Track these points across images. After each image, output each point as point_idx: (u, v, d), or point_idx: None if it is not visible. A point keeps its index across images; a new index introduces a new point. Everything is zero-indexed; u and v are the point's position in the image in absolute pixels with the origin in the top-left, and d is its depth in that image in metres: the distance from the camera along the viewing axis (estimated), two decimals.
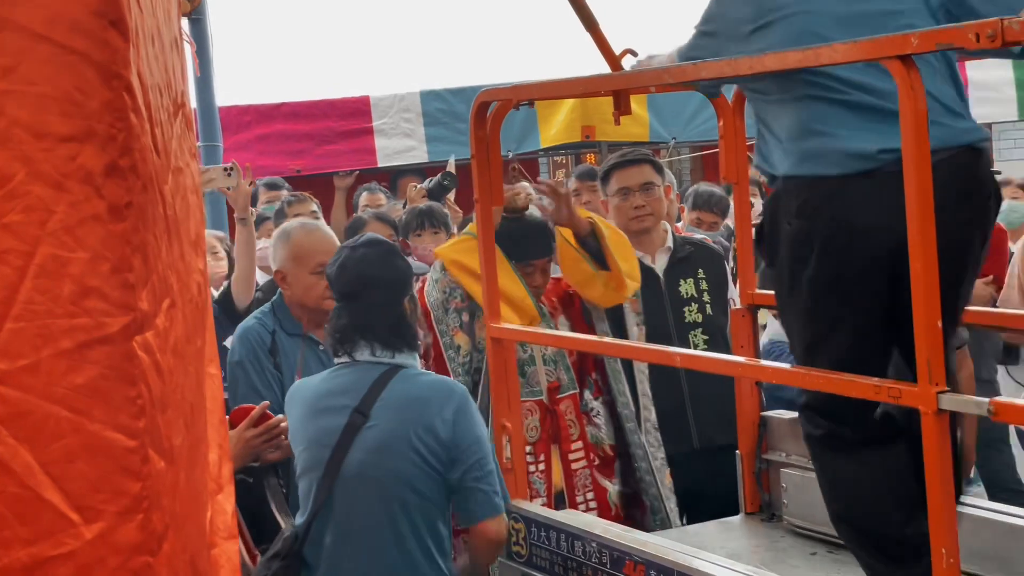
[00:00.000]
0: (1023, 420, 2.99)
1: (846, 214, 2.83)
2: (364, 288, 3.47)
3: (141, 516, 1.72)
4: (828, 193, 2.86)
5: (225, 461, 2.38)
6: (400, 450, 3.37)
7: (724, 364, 2.98)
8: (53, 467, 1.68)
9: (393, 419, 3.39)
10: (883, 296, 2.83)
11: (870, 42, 2.49)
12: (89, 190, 1.68)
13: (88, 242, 1.68)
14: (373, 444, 3.38)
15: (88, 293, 1.68)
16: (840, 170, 2.84)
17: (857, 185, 2.82)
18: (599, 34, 3.30)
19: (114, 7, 1.70)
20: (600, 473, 4.28)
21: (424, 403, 3.40)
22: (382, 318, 3.47)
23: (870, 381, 2.58)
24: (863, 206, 2.81)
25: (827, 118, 2.89)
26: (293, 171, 8.60)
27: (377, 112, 8.79)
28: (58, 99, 1.67)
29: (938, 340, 2.39)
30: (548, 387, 4.22)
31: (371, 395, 3.41)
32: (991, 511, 3.36)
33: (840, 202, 2.84)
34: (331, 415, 3.44)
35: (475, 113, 3.71)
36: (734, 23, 3.01)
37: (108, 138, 1.69)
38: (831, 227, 2.86)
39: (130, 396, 1.72)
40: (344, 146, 8.79)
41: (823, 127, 2.90)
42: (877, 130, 2.80)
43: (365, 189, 7.85)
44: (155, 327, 1.78)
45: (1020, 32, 2.17)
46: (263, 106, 8.68)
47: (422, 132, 8.82)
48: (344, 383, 3.48)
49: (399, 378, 3.44)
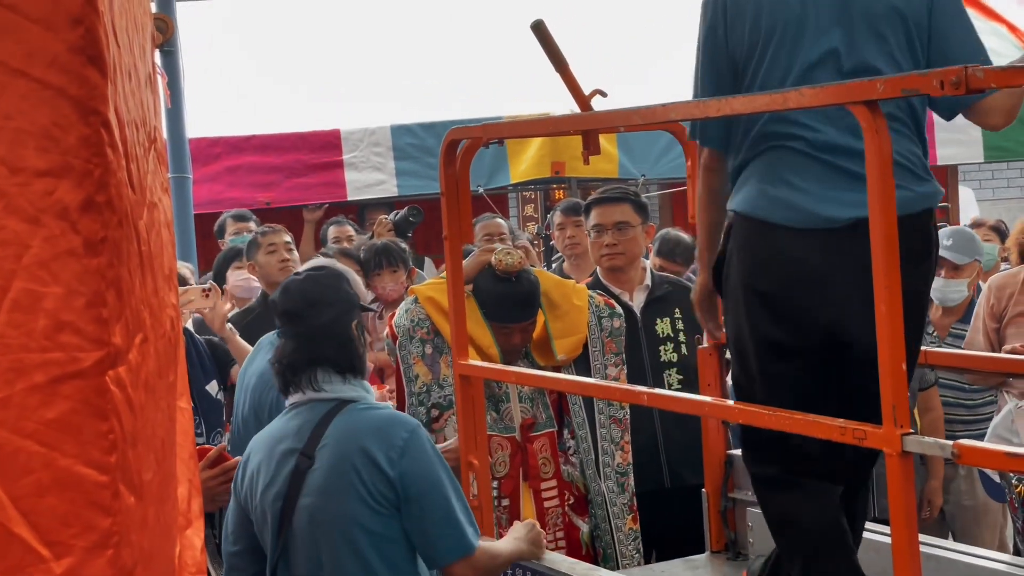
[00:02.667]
0: (985, 463, 3.02)
1: (801, 262, 2.96)
2: (308, 308, 3.33)
3: (111, 552, 1.72)
4: (787, 241, 2.97)
5: (195, 496, 2.38)
6: (344, 490, 3.21)
7: (690, 403, 3.00)
8: (23, 502, 1.68)
9: (335, 458, 3.24)
10: (823, 349, 2.97)
11: (836, 87, 2.53)
12: (65, 225, 1.68)
13: (63, 277, 1.69)
14: (318, 487, 3.24)
15: (62, 328, 1.69)
16: (806, 224, 2.96)
17: (816, 238, 2.95)
18: (569, 74, 3.33)
19: (93, 43, 1.71)
20: (574, 512, 4.27)
21: (367, 439, 3.24)
22: (328, 340, 3.32)
23: (835, 422, 2.60)
24: (819, 258, 2.94)
25: (800, 171, 3.00)
26: (262, 203, 8.60)
27: (347, 145, 8.80)
28: (35, 134, 1.68)
29: (902, 383, 2.42)
30: (522, 424, 4.22)
31: (315, 435, 3.27)
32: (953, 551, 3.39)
33: (797, 251, 2.96)
34: (282, 461, 3.32)
35: (444, 151, 3.73)
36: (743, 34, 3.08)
37: (85, 173, 1.70)
38: (784, 271, 2.98)
39: (102, 431, 1.72)
40: (314, 179, 8.79)
41: (794, 179, 3.00)
42: (850, 200, 2.89)
43: (334, 222, 7.86)
44: (128, 362, 1.78)
45: (984, 80, 2.21)
46: (233, 138, 8.68)
47: (392, 166, 8.83)
48: (294, 425, 3.35)
49: (344, 414, 3.29)
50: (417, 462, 3.22)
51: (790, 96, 2.58)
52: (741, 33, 3.06)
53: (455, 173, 3.73)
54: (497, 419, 4.13)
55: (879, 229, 2.41)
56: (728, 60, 3.10)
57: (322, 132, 8.81)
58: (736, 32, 3.07)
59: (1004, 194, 15.66)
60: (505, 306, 4.21)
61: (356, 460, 3.22)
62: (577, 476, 4.29)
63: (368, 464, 3.21)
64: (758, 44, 3.04)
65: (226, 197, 8.54)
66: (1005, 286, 5.08)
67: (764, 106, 2.66)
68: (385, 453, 3.21)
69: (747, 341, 3.06)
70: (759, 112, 2.88)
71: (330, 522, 3.23)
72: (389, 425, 3.28)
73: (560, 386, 3.75)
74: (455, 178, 3.74)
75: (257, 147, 8.71)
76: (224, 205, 8.29)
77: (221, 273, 6.58)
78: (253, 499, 3.37)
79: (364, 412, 3.32)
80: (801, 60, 3.00)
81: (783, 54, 3.01)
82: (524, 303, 4.22)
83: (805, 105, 2.58)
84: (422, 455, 3.24)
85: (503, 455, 4.16)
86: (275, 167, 8.73)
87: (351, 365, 3.35)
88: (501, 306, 4.21)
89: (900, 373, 2.41)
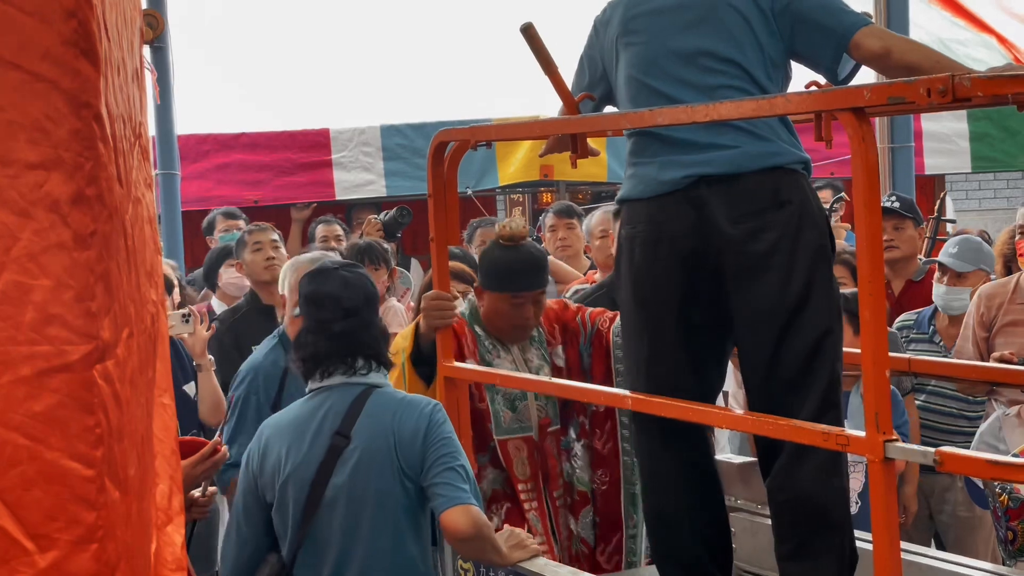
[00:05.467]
0: (967, 470, 3.03)
1: (660, 223, 3.23)
2: (357, 306, 3.50)
3: (96, 546, 1.73)
4: (646, 209, 3.27)
5: (176, 492, 2.37)
6: (382, 466, 3.41)
7: (674, 408, 3.01)
8: (8, 494, 1.68)
9: (374, 438, 3.42)
10: (683, 289, 3.21)
11: (823, 94, 2.55)
12: (55, 218, 1.69)
13: (52, 269, 1.69)
14: (356, 465, 3.41)
15: (50, 321, 1.69)
16: (653, 193, 3.25)
17: (665, 203, 3.23)
18: (558, 77, 3.33)
19: (86, 37, 1.71)
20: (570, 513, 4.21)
21: (400, 419, 3.43)
22: (368, 332, 3.52)
23: (818, 428, 2.62)
24: (671, 218, 3.21)
25: (646, 149, 3.30)
26: (251, 201, 8.60)
27: (336, 145, 8.80)
28: (26, 126, 1.68)
29: (886, 390, 2.43)
30: (539, 423, 4.13)
31: (350, 416, 3.44)
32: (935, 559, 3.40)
33: (655, 214, 3.25)
34: (314, 442, 3.45)
35: (433, 152, 3.72)
36: (609, 41, 3.42)
37: (75, 167, 1.70)
38: (648, 231, 3.26)
39: (88, 425, 1.72)
40: (302, 178, 8.79)
41: (642, 157, 3.31)
42: (681, 161, 3.20)
43: (322, 221, 7.86)
44: (115, 356, 1.78)
45: (971, 88, 2.22)
46: (223, 135, 8.68)
47: (381, 166, 8.84)
48: (322, 408, 3.49)
49: (375, 396, 3.48)
50: (438, 425, 3.43)
51: (776, 102, 2.60)
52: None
53: (443, 175, 3.74)
54: (514, 418, 4.06)
55: (864, 235, 2.42)
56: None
57: (311, 131, 8.82)
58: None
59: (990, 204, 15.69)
60: (516, 273, 4.04)
61: (394, 436, 3.42)
62: (578, 476, 4.20)
63: (403, 438, 3.41)
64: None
65: (214, 194, 8.54)
66: (995, 295, 5.07)
67: (752, 112, 2.67)
68: (417, 424, 3.42)
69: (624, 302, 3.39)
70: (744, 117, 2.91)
71: (368, 497, 3.40)
72: (414, 403, 3.50)
73: (544, 388, 3.75)
74: (442, 180, 3.74)
75: (246, 145, 8.71)
76: (212, 202, 8.29)
77: (212, 271, 6.57)
78: (277, 480, 3.48)
79: (392, 395, 3.53)
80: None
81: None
82: (534, 269, 4.07)
83: (791, 111, 2.61)
84: (440, 424, 3.45)
85: (522, 457, 4.08)
86: (264, 165, 8.73)
87: (383, 355, 3.56)
88: (513, 274, 4.04)
89: (883, 380, 2.42)
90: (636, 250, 3.28)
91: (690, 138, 3.20)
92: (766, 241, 3.09)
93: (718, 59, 3.24)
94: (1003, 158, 10.11)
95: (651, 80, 3.30)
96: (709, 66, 3.24)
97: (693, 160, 3.19)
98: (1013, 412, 4.84)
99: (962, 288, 5.32)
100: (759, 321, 3.12)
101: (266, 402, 4.26)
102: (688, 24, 3.27)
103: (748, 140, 3.16)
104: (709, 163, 3.17)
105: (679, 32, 3.28)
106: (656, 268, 3.24)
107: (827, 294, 3.10)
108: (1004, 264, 5.63)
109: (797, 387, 3.05)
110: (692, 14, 3.28)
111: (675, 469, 3.33)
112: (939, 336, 5.40)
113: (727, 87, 3.21)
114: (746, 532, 3.74)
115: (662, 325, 3.26)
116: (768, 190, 3.13)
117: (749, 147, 3.16)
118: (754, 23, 3.24)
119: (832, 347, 3.08)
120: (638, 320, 3.32)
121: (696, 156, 3.18)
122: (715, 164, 3.16)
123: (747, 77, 3.23)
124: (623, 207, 3.44)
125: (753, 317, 3.13)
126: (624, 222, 3.39)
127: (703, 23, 3.26)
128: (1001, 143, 9.96)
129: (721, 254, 3.14)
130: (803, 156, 3.21)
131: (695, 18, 3.27)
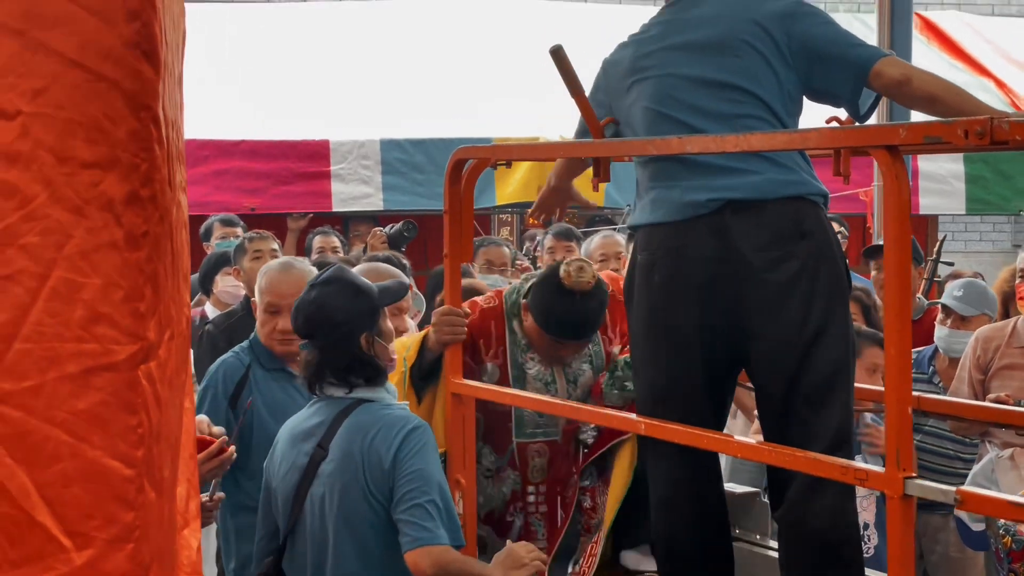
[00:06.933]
0: (989, 511, 3.05)
1: (681, 248, 3.23)
2: (316, 328, 3.47)
3: (131, 546, 1.73)
4: (667, 233, 3.28)
5: (193, 496, 2.37)
6: (349, 484, 3.37)
7: (685, 435, 3.01)
8: (48, 490, 1.68)
9: (344, 452, 3.39)
10: (701, 315, 3.20)
11: (857, 130, 2.56)
12: (108, 217, 1.69)
13: (103, 268, 1.69)
14: (328, 478, 3.39)
15: (98, 319, 1.69)
16: (676, 216, 3.25)
17: (689, 227, 3.23)
18: (584, 101, 3.34)
19: (148, 39, 1.72)
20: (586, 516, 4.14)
21: (374, 436, 3.37)
22: (338, 356, 3.46)
23: (836, 462, 2.63)
24: (693, 244, 3.21)
25: (668, 173, 3.28)
26: (247, 209, 8.56)
27: (336, 157, 8.77)
28: (85, 125, 1.69)
29: (908, 426, 2.44)
30: (564, 428, 3.98)
31: (331, 430, 3.42)
32: None
33: (676, 239, 3.25)
34: (301, 450, 3.47)
35: (451, 169, 3.72)
36: (617, 80, 3.43)
37: (131, 167, 1.71)
38: (669, 256, 3.25)
39: (131, 425, 1.73)
40: (300, 188, 8.76)
41: (664, 181, 3.30)
42: (707, 184, 3.20)
43: (319, 232, 7.85)
44: (158, 357, 1.79)
45: (1009, 132, 2.24)
46: (223, 142, 8.64)
47: (379, 180, 8.81)
48: (315, 418, 3.50)
49: (358, 412, 3.43)
50: (410, 453, 3.33)
51: (809, 135, 2.61)
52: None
53: (459, 192, 3.74)
54: (539, 421, 3.93)
55: (893, 272, 2.44)
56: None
57: (312, 142, 8.79)
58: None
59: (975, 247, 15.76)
60: (564, 325, 3.79)
61: (362, 456, 3.35)
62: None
63: (371, 460, 3.34)
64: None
65: (212, 200, 8.50)
66: (992, 338, 5.10)
67: (784, 144, 2.69)
68: (386, 447, 3.34)
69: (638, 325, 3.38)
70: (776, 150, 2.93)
71: (335, 512, 3.36)
72: (395, 423, 3.39)
73: (555, 410, 3.74)
74: (459, 197, 3.74)
75: (246, 152, 8.67)
76: (210, 208, 8.25)
77: (208, 277, 6.55)
78: (275, 482, 3.53)
79: (377, 411, 3.44)
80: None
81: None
82: (584, 324, 3.79)
83: (824, 145, 2.62)
84: (418, 448, 3.35)
85: (541, 461, 3.97)
86: (263, 173, 8.69)
87: (362, 376, 3.46)
88: (561, 324, 3.79)
89: (906, 416, 2.43)
90: (655, 275, 3.28)
91: (715, 162, 3.20)
92: (788, 271, 3.11)
93: (736, 89, 3.26)
94: (997, 201, 10.15)
95: (668, 109, 3.31)
96: (727, 95, 3.26)
97: (719, 184, 3.19)
98: (1007, 455, 4.86)
99: (966, 331, 5.34)
100: (777, 352, 3.13)
101: (223, 396, 4.23)
102: (704, 57, 3.29)
103: (771, 168, 3.18)
104: (735, 188, 3.17)
105: (695, 63, 3.30)
106: (676, 293, 3.24)
107: (843, 328, 3.11)
108: (1003, 304, 5.66)
109: (811, 421, 3.06)
110: (708, 49, 3.30)
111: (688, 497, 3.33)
112: (938, 377, 5.42)
113: (747, 116, 3.23)
114: (745, 563, 3.74)
115: (680, 351, 3.26)
116: (791, 220, 3.15)
117: (773, 175, 3.17)
118: (771, 59, 3.26)
119: (846, 381, 3.10)
120: (655, 345, 3.32)
121: (722, 180, 3.19)
122: (741, 189, 3.17)
123: (765, 108, 3.25)
124: (638, 232, 3.43)
125: (771, 347, 3.14)
126: (641, 247, 3.38)
127: (719, 56, 3.28)
128: (996, 186, 10.00)
129: (743, 282, 3.15)
130: (823, 188, 3.23)
131: (711, 52, 3.29)
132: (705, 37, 3.31)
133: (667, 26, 3.41)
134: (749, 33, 3.26)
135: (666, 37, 3.38)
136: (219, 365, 4.30)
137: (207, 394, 4.24)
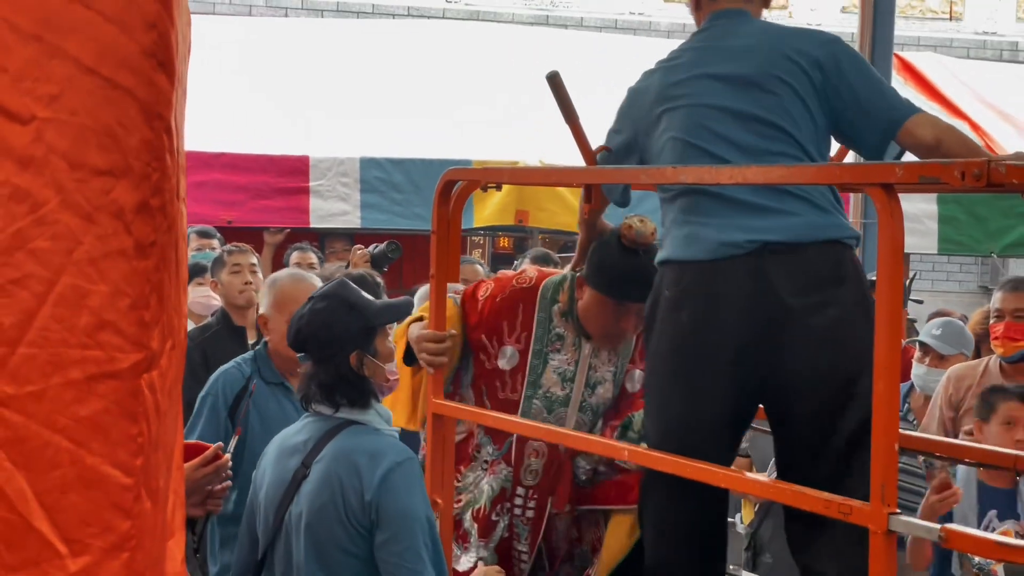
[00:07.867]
0: (973, 549, 3.07)
1: (714, 287, 3.15)
2: (306, 343, 3.46)
3: (127, 555, 1.73)
4: (699, 271, 3.18)
5: (179, 507, 2.35)
6: (326, 506, 3.32)
7: (674, 464, 3.02)
8: (46, 496, 1.68)
9: (324, 474, 3.34)
10: (730, 355, 3.12)
11: (854, 167, 2.59)
12: (119, 225, 1.69)
13: (110, 276, 1.69)
14: (308, 498, 3.35)
15: (104, 327, 1.69)
16: (710, 255, 3.16)
17: (724, 267, 3.14)
18: (578, 127, 3.36)
19: (164, 49, 1.73)
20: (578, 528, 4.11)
21: (356, 461, 3.31)
22: (327, 375, 3.43)
23: (820, 495, 2.64)
24: (729, 283, 3.13)
25: (702, 209, 3.19)
26: (224, 221, 8.54)
27: (315, 173, 8.76)
28: (98, 132, 1.69)
29: (894, 462, 2.46)
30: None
31: (316, 449, 3.38)
32: None
33: (710, 277, 3.16)
34: (286, 466, 3.44)
35: (440, 190, 3.72)
36: (645, 109, 3.35)
37: (143, 176, 1.72)
38: (700, 295, 3.17)
39: (131, 434, 1.72)
40: (278, 202, 8.74)
41: (697, 217, 3.20)
42: (744, 224, 3.12)
43: (297, 248, 7.83)
44: (160, 367, 1.79)
45: (1006, 175, 2.26)
46: (203, 153, 8.59)
47: (358, 198, 8.80)
48: (302, 434, 3.47)
49: (345, 434, 3.38)
50: (396, 492, 3.26)
51: (808, 171, 2.64)
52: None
53: (447, 213, 3.74)
54: (547, 423, 3.84)
55: (884, 309, 2.46)
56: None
57: (291, 157, 8.77)
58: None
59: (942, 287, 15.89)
60: (629, 282, 3.66)
61: (342, 480, 3.29)
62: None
63: (350, 485, 3.28)
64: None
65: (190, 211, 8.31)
66: (964, 377, 5.15)
67: (780, 178, 2.71)
68: (368, 478, 3.27)
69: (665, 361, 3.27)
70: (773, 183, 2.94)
71: (310, 533, 3.31)
72: (380, 451, 3.32)
73: (536, 433, 3.74)
74: (447, 218, 3.74)
75: (225, 165, 8.64)
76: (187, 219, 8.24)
77: None
78: (260, 495, 3.50)
79: (364, 435, 3.39)
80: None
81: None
82: (647, 280, 3.57)
83: (822, 181, 2.64)
84: (403, 486, 3.28)
85: (537, 463, 3.91)
86: (241, 187, 8.67)
87: (347, 396, 3.42)
88: (625, 282, 3.68)
89: (892, 452, 2.45)
90: (683, 313, 3.19)
91: (753, 201, 3.14)
92: (828, 316, 3.05)
93: (772, 126, 3.20)
94: (968, 243, 10.20)
95: (699, 140, 3.23)
96: (761, 131, 3.20)
97: (756, 225, 3.12)
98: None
99: (943, 370, 5.39)
100: (813, 396, 3.07)
101: (223, 406, 4.23)
102: (739, 90, 3.23)
103: (810, 210, 3.12)
104: (773, 230, 3.11)
105: (728, 95, 3.23)
106: (705, 333, 3.16)
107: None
108: (976, 344, 5.72)
109: (845, 469, 3.03)
110: (744, 83, 3.23)
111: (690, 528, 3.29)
112: (913, 414, 5.46)
113: (780, 154, 3.16)
114: None
115: (703, 390, 3.17)
116: (830, 264, 3.10)
117: (812, 217, 3.12)
118: (807, 99, 3.21)
119: None
120: (675, 382, 3.23)
121: (759, 221, 3.12)
122: (779, 231, 3.10)
123: (799, 147, 3.19)
124: (666, 267, 3.30)
125: (807, 392, 3.08)
126: (669, 283, 3.26)
127: (754, 90, 3.22)
128: (968, 228, 10.05)
129: (780, 326, 3.08)
130: (856, 231, 3.20)
131: (745, 85, 3.23)
132: (740, 70, 3.24)
133: (699, 53, 3.35)
134: (785, 71, 3.20)
135: (698, 65, 3.31)
136: (219, 375, 4.30)
137: (206, 402, 4.23)
